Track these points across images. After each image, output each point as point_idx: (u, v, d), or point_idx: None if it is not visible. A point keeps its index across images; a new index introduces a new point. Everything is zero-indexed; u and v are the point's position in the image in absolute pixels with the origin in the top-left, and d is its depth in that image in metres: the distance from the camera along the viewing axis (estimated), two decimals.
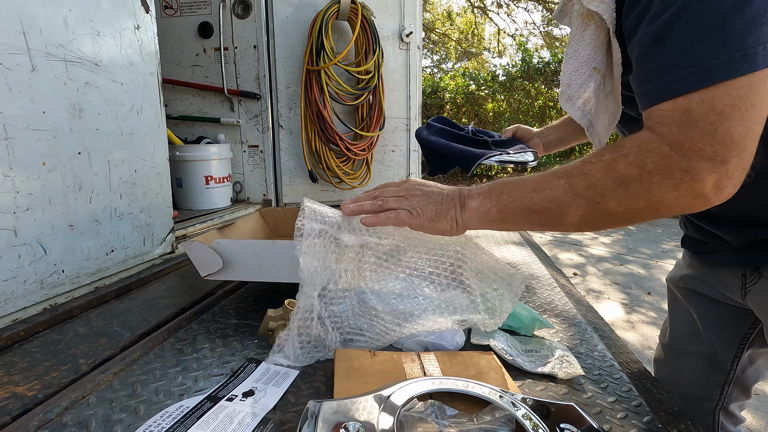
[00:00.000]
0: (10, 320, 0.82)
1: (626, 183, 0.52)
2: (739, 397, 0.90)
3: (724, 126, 0.47)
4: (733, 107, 0.47)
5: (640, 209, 0.53)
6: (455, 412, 0.51)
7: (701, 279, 0.86)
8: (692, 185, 0.49)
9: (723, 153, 0.47)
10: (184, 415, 0.54)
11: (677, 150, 0.49)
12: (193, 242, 0.81)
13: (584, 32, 0.63)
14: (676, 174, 0.50)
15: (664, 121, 0.51)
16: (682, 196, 0.50)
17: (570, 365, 0.66)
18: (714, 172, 0.48)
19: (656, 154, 0.51)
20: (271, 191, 2.05)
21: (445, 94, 9.21)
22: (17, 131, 0.83)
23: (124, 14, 1.07)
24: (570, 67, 0.66)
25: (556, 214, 0.57)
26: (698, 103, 0.48)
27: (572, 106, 0.67)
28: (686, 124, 0.49)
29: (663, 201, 0.51)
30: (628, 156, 0.53)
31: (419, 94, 2.23)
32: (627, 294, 3.36)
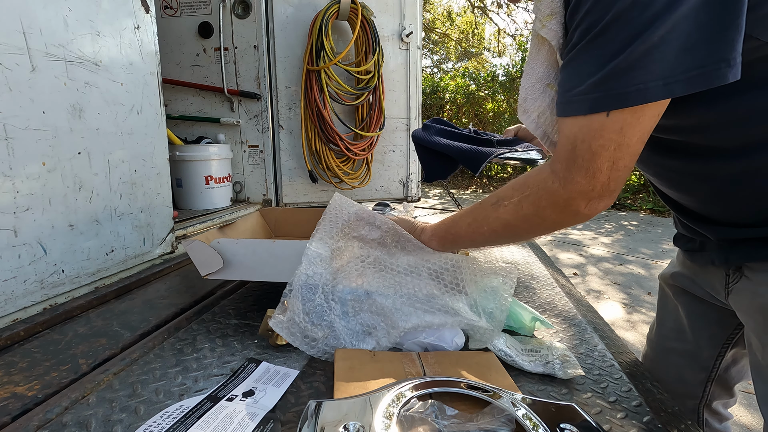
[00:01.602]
0: (10, 320, 0.82)
1: (529, 218, 0.69)
2: (722, 396, 0.92)
3: (595, 163, 0.58)
4: (604, 147, 0.57)
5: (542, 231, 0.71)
6: (455, 412, 0.51)
7: (691, 278, 0.88)
8: (570, 209, 0.63)
9: (592, 185, 0.60)
10: (184, 415, 0.54)
11: (563, 185, 0.62)
12: (193, 241, 0.81)
13: (539, 52, 0.70)
14: (560, 204, 0.64)
15: (559, 157, 0.62)
16: (564, 216, 0.65)
17: (570, 365, 0.66)
18: (585, 199, 0.61)
19: (548, 192, 0.64)
20: (271, 191, 2.05)
21: (445, 94, 9.22)
22: (17, 131, 0.83)
23: (124, 14, 1.07)
24: (527, 82, 0.73)
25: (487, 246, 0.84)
26: (581, 141, 0.59)
27: (528, 118, 0.75)
28: (570, 161, 0.60)
29: (555, 221, 0.67)
30: (530, 196, 0.67)
31: (419, 94, 2.23)
32: (627, 294, 3.36)
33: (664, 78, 0.52)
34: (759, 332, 0.69)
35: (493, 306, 0.75)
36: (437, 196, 7.72)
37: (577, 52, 0.58)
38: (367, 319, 0.72)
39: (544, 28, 0.65)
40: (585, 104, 0.57)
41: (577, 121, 0.59)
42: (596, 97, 0.56)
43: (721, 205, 0.68)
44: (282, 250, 0.80)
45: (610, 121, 0.56)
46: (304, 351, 0.69)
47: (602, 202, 0.61)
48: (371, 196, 2.24)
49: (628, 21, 0.52)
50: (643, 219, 6.01)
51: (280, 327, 0.68)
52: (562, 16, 0.63)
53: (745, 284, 0.71)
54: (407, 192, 2.29)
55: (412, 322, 0.69)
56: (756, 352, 0.71)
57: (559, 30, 0.65)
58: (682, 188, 0.73)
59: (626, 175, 0.60)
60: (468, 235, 0.77)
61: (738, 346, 0.86)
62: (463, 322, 0.71)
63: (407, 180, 2.28)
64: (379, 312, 0.71)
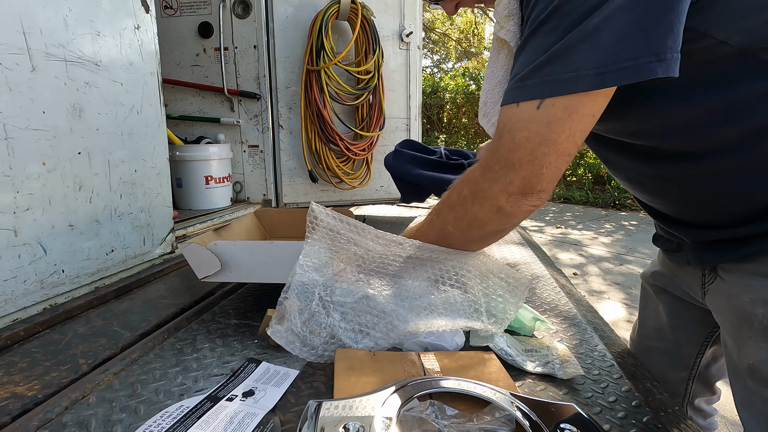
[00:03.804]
0: (10, 320, 0.82)
1: (452, 207, 0.67)
2: (704, 393, 0.93)
3: (516, 155, 0.57)
4: (528, 140, 0.56)
5: (467, 228, 0.67)
6: (455, 412, 0.51)
7: (670, 277, 0.88)
8: (489, 201, 0.61)
9: (510, 175, 0.58)
10: (184, 415, 0.54)
11: (482, 173, 0.61)
12: (190, 244, 0.80)
13: (498, 55, 0.69)
14: (478, 194, 0.62)
15: (489, 146, 0.62)
16: (486, 211, 0.63)
17: (570, 365, 0.66)
18: (504, 192, 0.60)
19: (471, 180, 0.64)
20: (271, 191, 2.05)
21: (445, 94, 9.22)
22: (17, 131, 0.83)
23: (124, 14, 1.07)
24: (487, 86, 0.73)
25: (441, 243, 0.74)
26: (507, 131, 0.58)
27: (488, 122, 0.74)
28: (494, 150, 0.60)
29: (477, 218, 0.64)
30: (456, 185, 0.67)
31: (419, 94, 2.23)
32: (627, 294, 3.36)
33: (597, 68, 0.51)
34: (734, 334, 0.68)
35: (498, 310, 0.74)
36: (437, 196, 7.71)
37: (523, 42, 0.58)
38: (366, 320, 0.72)
39: (503, 30, 0.66)
40: (519, 92, 0.57)
41: (509, 109, 0.58)
42: (530, 84, 0.55)
43: (692, 208, 0.68)
44: (280, 251, 0.80)
45: (539, 114, 0.55)
46: (304, 358, 0.69)
47: (526, 200, 0.60)
48: (371, 196, 2.24)
49: (569, 10, 0.52)
50: (643, 219, 6.02)
51: (278, 336, 0.67)
52: (519, 17, 0.64)
53: (719, 285, 0.71)
54: None
55: (412, 324, 0.69)
56: (731, 353, 0.70)
57: (517, 31, 0.65)
58: (653, 192, 0.73)
59: (554, 174, 0.58)
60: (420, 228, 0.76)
61: (717, 343, 0.87)
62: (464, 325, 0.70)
63: None
64: (378, 314, 0.71)
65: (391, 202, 2.30)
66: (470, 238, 0.69)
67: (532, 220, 6.16)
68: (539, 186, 0.59)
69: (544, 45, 0.54)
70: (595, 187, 7.47)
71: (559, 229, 5.64)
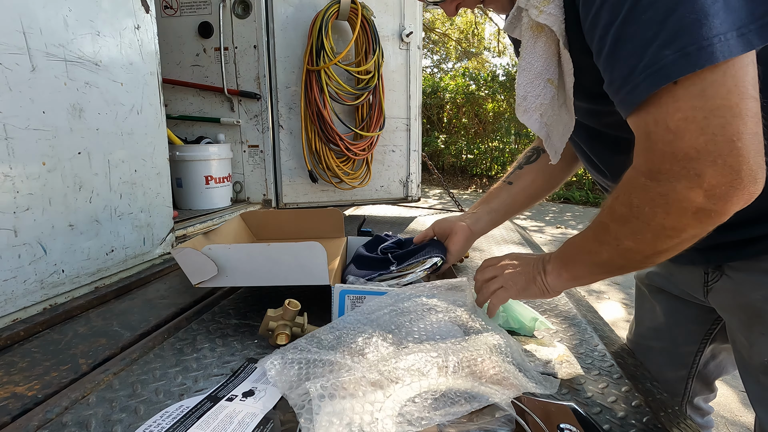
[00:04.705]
0: (10, 320, 0.82)
1: (625, 221, 0.56)
2: (702, 391, 0.92)
3: (683, 142, 0.47)
4: (687, 120, 0.46)
5: (654, 240, 0.55)
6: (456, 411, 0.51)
7: (666, 276, 0.88)
8: (680, 205, 0.49)
9: (693, 168, 0.47)
10: (184, 415, 0.54)
11: (650, 177, 0.51)
12: (183, 249, 0.78)
13: (535, 44, 0.63)
14: (658, 200, 0.51)
15: (638, 150, 0.52)
16: (679, 217, 0.51)
17: (570, 365, 0.66)
18: (695, 188, 0.47)
19: (637, 188, 0.53)
20: (271, 191, 2.05)
21: (445, 94, 9.22)
22: (17, 131, 0.82)
23: (124, 14, 1.07)
24: (524, 79, 0.66)
25: (608, 265, 0.62)
26: (654, 124, 0.49)
27: (530, 117, 0.69)
28: (649, 150, 0.50)
29: (666, 226, 0.52)
30: (619, 197, 0.56)
31: (419, 94, 2.23)
32: (627, 294, 3.36)
33: (738, 28, 0.43)
34: (744, 331, 0.69)
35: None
36: (437, 196, 7.72)
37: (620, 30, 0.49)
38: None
39: (543, 14, 0.58)
40: (652, 79, 0.47)
41: (646, 104, 0.49)
42: (663, 65, 0.46)
43: None
44: (277, 253, 0.79)
45: (682, 89, 0.46)
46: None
47: (737, 191, 0.46)
48: (371, 196, 2.24)
49: None
50: None
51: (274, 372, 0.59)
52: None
53: (726, 283, 0.70)
54: (407, 192, 2.29)
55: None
56: (741, 350, 0.71)
57: (560, 14, 0.58)
58: None
59: (751, 145, 0.45)
60: (583, 245, 0.65)
61: (716, 341, 0.86)
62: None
63: (407, 180, 2.28)
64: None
65: (392, 202, 2.30)
66: (659, 249, 0.56)
67: (532, 220, 6.16)
68: (744, 166, 0.45)
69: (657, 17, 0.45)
70: (595, 187, 7.47)
71: (559, 229, 5.64)
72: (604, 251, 0.60)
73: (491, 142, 9.02)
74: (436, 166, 8.71)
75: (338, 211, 1.21)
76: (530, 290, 0.70)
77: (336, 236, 1.21)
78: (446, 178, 9.05)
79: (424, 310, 0.71)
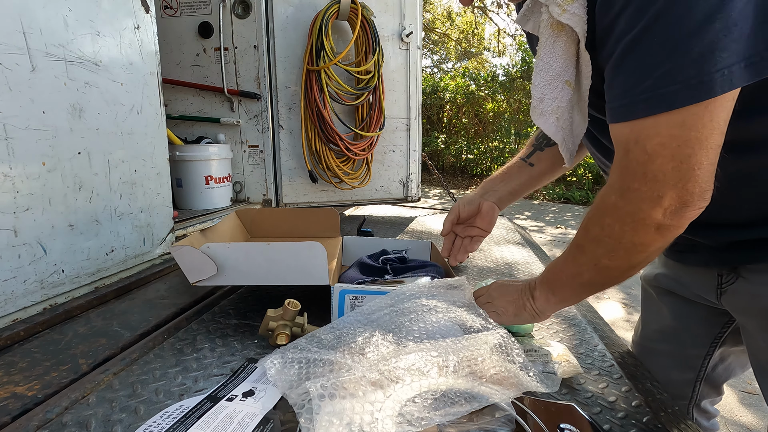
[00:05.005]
0: (10, 320, 0.82)
1: (599, 241, 0.59)
2: (710, 394, 0.91)
3: (654, 164, 0.50)
4: (663, 146, 0.49)
5: (627, 256, 0.58)
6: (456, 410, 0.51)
7: (675, 278, 0.86)
8: (644, 223, 0.53)
9: (657, 189, 0.51)
10: (184, 415, 0.54)
11: (621, 196, 0.54)
12: (182, 247, 0.78)
13: (555, 44, 0.62)
14: (626, 219, 0.54)
15: (615, 167, 0.55)
16: (645, 234, 0.54)
17: (570, 365, 0.66)
18: (657, 207, 0.52)
19: (608, 206, 0.57)
20: (271, 191, 2.05)
21: (445, 94, 9.22)
22: (17, 131, 0.82)
23: (124, 14, 1.07)
24: (541, 80, 0.65)
25: (591, 285, 0.65)
26: (634, 143, 0.51)
27: (545, 121, 0.67)
28: (625, 169, 0.53)
29: (636, 242, 0.56)
30: (594, 216, 0.59)
31: (419, 94, 2.23)
32: (626, 294, 3.36)
33: (748, 57, 0.45)
34: (762, 333, 0.68)
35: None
36: (437, 196, 7.72)
37: (631, 43, 0.49)
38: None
39: (566, 14, 0.57)
40: (650, 103, 0.49)
41: (629, 123, 0.52)
42: (666, 93, 0.47)
43: (723, 207, 0.62)
44: (276, 253, 0.79)
45: (666, 117, 0.48)
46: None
47: (687, 209, 0.51)
48: (371, 196, 2.24)
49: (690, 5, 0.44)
50: None
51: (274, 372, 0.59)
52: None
53: (741, 285, 0.69)
54: (407, 192, 2.29)
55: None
56: (758, 353, 0.70)
57: (583, 14, 0.56)
58: None
59: (707, 172, 0.50)
60: (564, 269, 0.67)
61: (726, 344, 0.85)
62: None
63: (407, 180, 2.28)
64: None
65: (392, 202, 2.30)
66: (633, 263, 0.60)
67: (532, 220, 6.16)
68: (697, 189, 0.50)
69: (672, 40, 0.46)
70: (595, 187, 7.47)
71: (559, 229, 5.64)
72: (585, 272, 0.63)
73: (491, 142, 9.02)
74: (436, 166, 8.72)
75: (334, 211, 1.21)
76: (522, 317, 0.73)
77: (332, 236, 1.21)
78: (446, 178, 9.05)
79: (424, 310, 0.71)
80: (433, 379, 0.55)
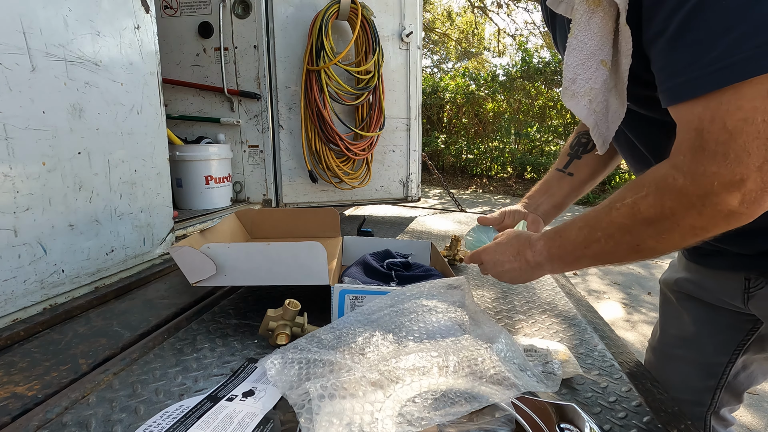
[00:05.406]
0: (10, 320, 0.82)
1: (653, 222, 0.54)
2: (730, 402, 0.89)
3: (737, 144, 0.45)
4: (746, 121, 0.44)
5: (680, 240, 0.54)
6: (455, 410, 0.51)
7: (698, 283, 0.84)
8: (715, 209, 0.48)
9: (740, 172, 0.46)
10: (184, 415, 0.54)
11: (692, 180, 0.49)
12: (182, 248, 0.78)
13: (590, 20, 0.57)
14: (695, 203, 0.49)
15: (681, 147, 0.50)
16: (711, 220, 0.50)
17: (570, 365, 0.66)
18: (735, 192, 0.46)
19: (673, 190, 0.51)
20: (271, 191, 2.05)
21: (445, 94, 9.22)
22: (17, 131, 0.82)
23: (124, 14, 1.07)
24: (574, 59, 0.60)
25: (609, 260, 0.63)
26: (710, 121, 0.46)
27: (577, 103, 0.64)
28: (699, 149, 0.48)
29: (696, 226, 0.51)
30: (648, 197, 0.54)
31: (419, 94, 2.23)
32: (627, 294, 3.36)
33: None
34: None
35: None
36: (437, 196, 7.72)
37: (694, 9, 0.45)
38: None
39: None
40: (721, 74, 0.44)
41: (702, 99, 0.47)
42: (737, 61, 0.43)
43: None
44: (276, 253, 0.79)
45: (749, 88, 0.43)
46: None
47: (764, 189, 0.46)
48: (371, 196, 2.24)
49: None
50: None
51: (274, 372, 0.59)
52: None
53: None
54: (407, 192, 2.29)
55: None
56: None
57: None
58: None
59: None
60: (580, 240, 0.63)
61: (749, 351, 0.83)
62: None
63: (407, 180, 2.28)
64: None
65: (392, 202, 2.30)
66: (680, 246, 0.56)
67: None
68: None
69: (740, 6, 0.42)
70: (595, 188, 7.47)
71: None
72: (620, 251, 0.59)
73: (491, 142, 9.02)
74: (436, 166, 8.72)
75: (334, 211, 1.21)
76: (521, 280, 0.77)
77: (332, 236, 1.21)
78: (446, 178, 9.05)
79: (424, 310, 0.71)
80: (433, 379, 0.55)
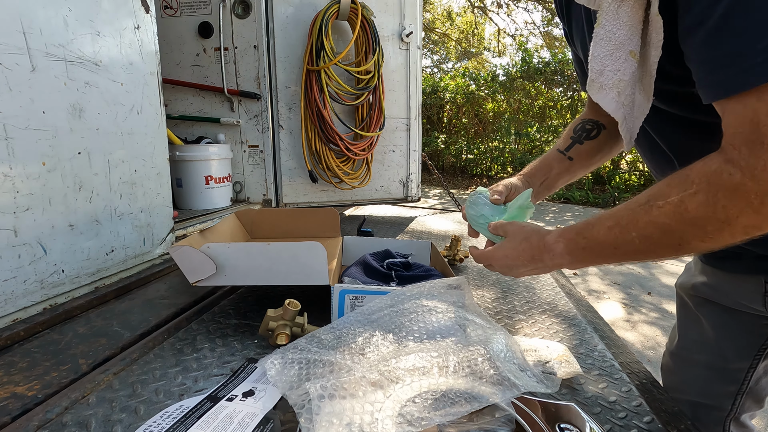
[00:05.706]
0: (10, 320, 0.82)
1: (701, 223, 0.50)
2: (751, 408, 0.86)
3: None
4: None
5: (728, 237, 0.51)
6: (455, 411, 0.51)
7: (715, 287, 0.82)
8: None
9: None
10: (184, 415, 0.54)
11: (750, 175, 0.46)
12: (182, 248, 0.78)
13: (619, 9, 0.55)
14: (753, 200, 0.46)
15: (735, 142, 0.47)
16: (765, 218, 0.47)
17: (570, 365, 0.66)
18: None
19: (727, 187, 0.48)
20: (271, 191, 2.05)
21: (445, 94, 9.21)
22: (17, 131, 0.82)
23: (124, 14, 1.07)
24: (602, 50, 0.58)
25: (639, 259, 0.59)
26: (766, 115, 0.44)
27: (605, 96, 0.61)
28: (758, 143, 0.45)
29: (749, 225, 0.48)
30: (698, 194, 0.50)
31: (419, 94, 2.23)
32: (627, 294, 3.36)
33: None
34: None
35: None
36: (437, 196, 7.72)
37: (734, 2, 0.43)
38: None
39: None
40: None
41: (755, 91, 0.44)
42: None
43: None
44: (276, 253, 0.79)
45: None
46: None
47: None
48: (371, 196, 2.24)
49: None
50: None
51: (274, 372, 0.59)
52: None
53: None
54: (407, 192, 2.29)
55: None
56: None
57: None
58: None
59: None
60: (610, 241, 0.59)
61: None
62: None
63: (407, 180, 2.28)
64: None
65: (392, 202, 2.30)
66: (724, 245, 0.53)
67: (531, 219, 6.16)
68: None
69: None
70: (595, 187, 7.47)
71: None
72: (657, 251, 0.55)
73: (491, 142, 9.02)
74: (436, 166, 8.72)
75: (334, 211, 1.21)
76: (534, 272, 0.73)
77: (332, 236, 1.21)
78: (446, 178, 9.05)
79: (424, 311, 0.71)
80: (433, 380, 0.55)
